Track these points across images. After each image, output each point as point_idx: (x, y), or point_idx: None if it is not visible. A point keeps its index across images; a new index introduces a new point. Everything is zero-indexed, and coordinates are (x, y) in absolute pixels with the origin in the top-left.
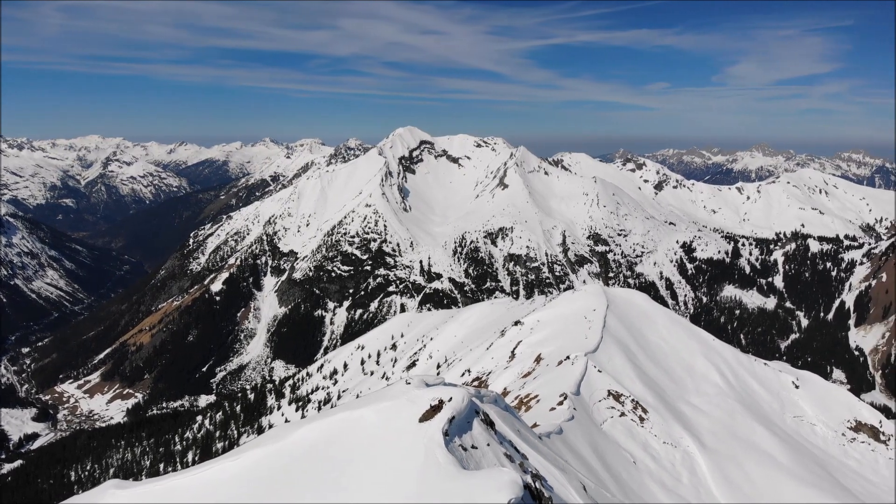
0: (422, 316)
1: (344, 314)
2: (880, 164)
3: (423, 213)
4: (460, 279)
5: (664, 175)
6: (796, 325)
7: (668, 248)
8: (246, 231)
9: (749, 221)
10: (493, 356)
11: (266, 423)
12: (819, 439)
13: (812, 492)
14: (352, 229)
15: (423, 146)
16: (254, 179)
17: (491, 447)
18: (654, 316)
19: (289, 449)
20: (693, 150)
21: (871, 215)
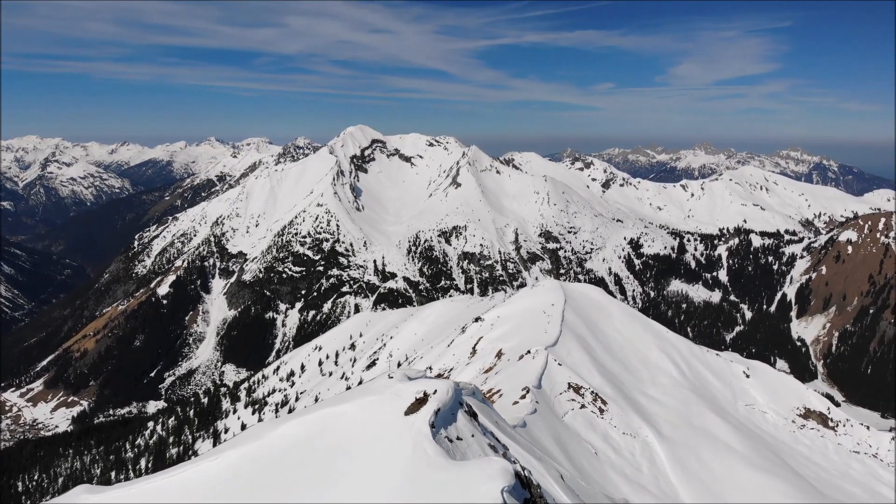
0: (381, 315)
1: (296, 316)
2: (817, 161)
3: (377, 213)
4: (415, 278)
5: (611, 174)
6: (741, 318)
7: (616, 244)
8: (193, 232)
9: (693, 218)
10: (454, 353)
11: (222, 427)
12: (770, 426)
13: (766, 477)
14: (303, 229)
15: (375, 145)
16: (199, 179)
17: (475, 438)
18: (609, 309)
19: (271, 446)
20: (638, 149)
21: (809, 210)
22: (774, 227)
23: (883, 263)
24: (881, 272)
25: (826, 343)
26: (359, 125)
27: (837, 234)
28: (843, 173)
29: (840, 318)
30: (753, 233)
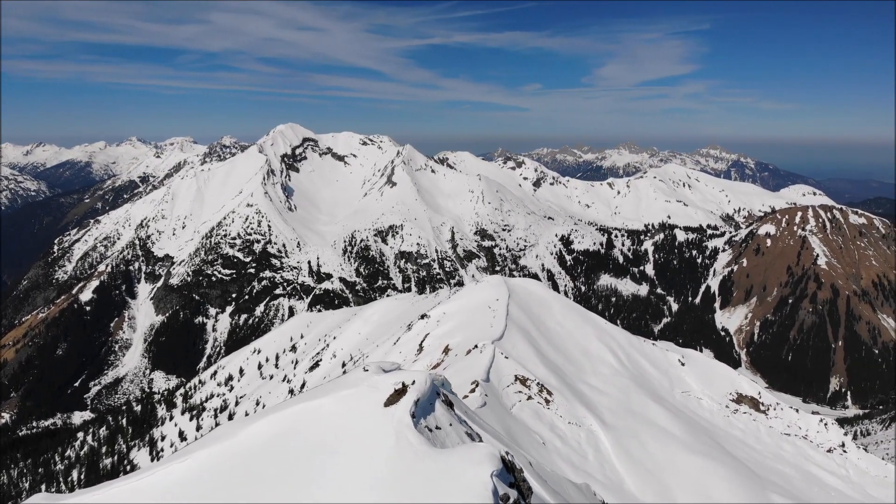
0: (322, 315)
1: (227, 320)
2: (735, 158)
3: (310, 213)
4: (351, 278)
5: (542, 172)
6: (668, 310)
7: (548, 241)
8: (116, 236)
9: (620, 214)
10: (400, 350)
11: (158, 435)
12: (706, 412)
13: (704, 461)
14: (233, 230)
15: (307, 144)
16: (121, 181)
17: (453, 427)
18: (550, 303)
19: (243, 445)
20: (566, 148)
21: (730, 206)
22: (697, 223)
23: (800, 255)
24: (799, 263)
25: (748, 332)
26: (289, 123)
27: (757, 227)
28: (760, 170)
29: (761, 308)
30: (677, 228)
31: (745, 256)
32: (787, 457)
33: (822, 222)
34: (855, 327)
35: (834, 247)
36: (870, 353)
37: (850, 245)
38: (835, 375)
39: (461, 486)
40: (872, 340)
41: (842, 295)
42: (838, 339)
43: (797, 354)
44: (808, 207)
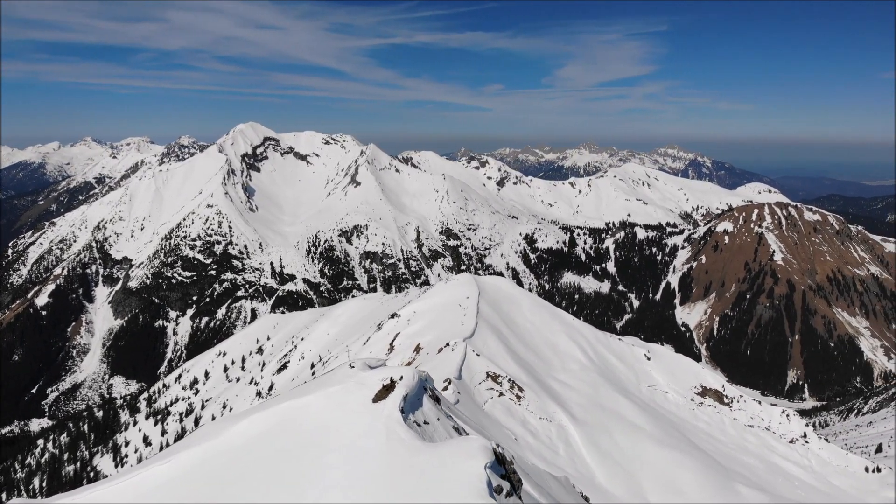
0: (289, 317)
1: (188, 323)
2: (693, 157)
3: (272, 213)
4: (315, 279)
5: (505, 172)
6: (629, 306)
7: (512, 240)
8: (73, 238)
9: (582, 213)
10: (371, 350)
11: (122, 441)
12: (672, 405)
13: (672, 453)
14: (193, 232)
15: (268, 143)
16: (76, 182)
17: (441, 422)
18: (520, 300)
19: (230, 444)
20: (527, 148)
21: (688, 204)
22: (657, 221)
23: (757, 251)
24: (756, 259)
25: (708, 327)
26: (250, 122)
27: (715, 225)
28: (717, 169)
29: (720, 304)
30: (638, 226)
31: (703, 253)
32: (751, 448)
33: (777, 219)
34: (811, 321)
35: (790, 243)
36: (825, 346)
37: (805, 241)
38: (792, 368)
39: (456, 478)
40: (828, 334)
41: (798, 290)
42: (795, 333)
43: (755, 348)
44: (764, 205)
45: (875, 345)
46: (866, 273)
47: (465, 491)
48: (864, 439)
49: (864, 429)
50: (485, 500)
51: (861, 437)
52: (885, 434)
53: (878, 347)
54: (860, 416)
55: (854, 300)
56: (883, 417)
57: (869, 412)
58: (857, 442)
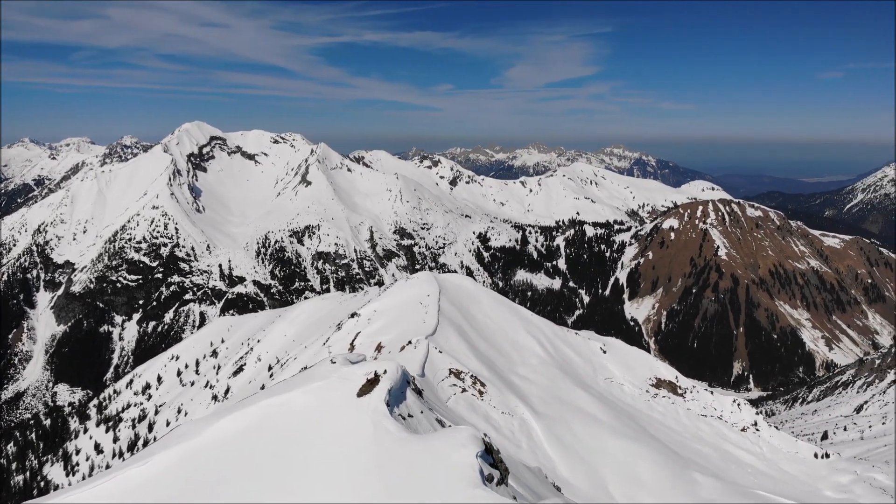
0: (244, 318)
1: (135, 328)
2: (638, 156)
3: (220, 214)
4: (266, 281)
5: (458, 171)
6: (580, 302)
7: (466, 238)
8: (12, 242)
9: (533, 212)
10: (330, 350)
11: (72, 449)
12: (628, 397)
13: (630, 444)
14: (138, 234)
15: (215, 142)
16: (14, 184)
17: (424, 414)
18: (479, 297)
19: (211, 443)
20: (478, 148)
21: (634, 202)
22: (605, 218)
23: (702, 247)
24: (701, 255)
25: (656, 321)
26: (196, 121)
27: (661, 222)
28: (661, 167)
29: (667, 298)
30: (587, 224)
31: (650, 249)
32: (705, 437)
33: (721, 216)
34: (754, 314)
35: (733, 238)
36: (769, 337)
37: (747, 237)
38: (737, 360)
39: (448, 468)
40: (771, 326)
41: (741, 284)
42: (739, 325)
43: (702, 341)
44: (708, 202)
45: (816, 336)
46: (806, 267)
47: (459, 480)
48: (809, 427)
49: (809, 417)
50: (478, 489)
51: (807, 424)
52: (829, 422)
53: (819, 338)
54: (805, 404)
55: (795, 293)
56: (827, 406)
57: (813, 401)
58: (803, 429)
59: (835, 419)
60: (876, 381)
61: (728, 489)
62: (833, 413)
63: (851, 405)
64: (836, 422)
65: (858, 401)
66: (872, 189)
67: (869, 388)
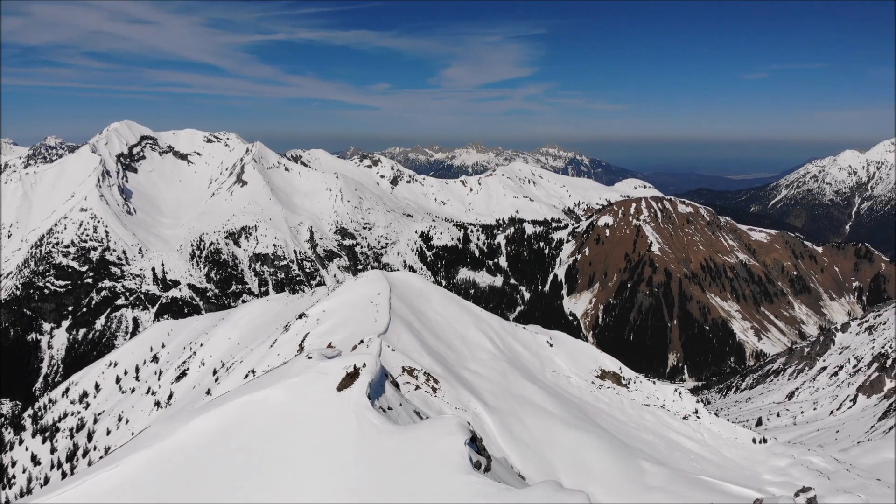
0: (184, 322)
1: (64, 335)
2: (572, 156)
3: (152, 216)
4: (201, 285)
5: (398, 171)
6: (521, 299)
7: (408, 238)
8: None
9: (473, 210)
10: (279, 353)
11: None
12: (574, 388)
13: (579, 434)
14: (66, 238)
15: (146, 142)
16: None
17: (403, 407)
18: (429, 294)
19: (184, 444)
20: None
21: (570, 200)
22: (543, 216)
23: (636, 243)
24: (635, 251)
25: (594, 316)
26: (125, 121)
27: (596, 219)
28: (594, 166)
29: (604, 293)
30: (526, 222)
31: (587, 246)
32: (650, 426)
33: (654, 212)
34: (687, 307)
35: (665, 234)
36: (701, 329)
37: (679, 232)
38: (672, 352)
39: (438, 456)
40: (703, 318)
41: (674, 278)
42: (673, 318)
43: (638, 334)
44: (641, 199)
45: (746, 327)
46: (735, 260)
47: (450, 467)
48: (744, 414)
49: (743, 404)
50: (470, 475)
51: (741, 412)
52: (763, 408)
53: (748, 329)
54: (739, 392)
55: (725, 286)
56: (760, 393)
57: (747, 389)
58: (738, 416)
59: (768, 406)
60: (806, 369)
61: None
62: (766, 400)
63: (783, 392)
64: (770, 408)
65: (790, 388)
66: (795, 185)
67: (799, 376)
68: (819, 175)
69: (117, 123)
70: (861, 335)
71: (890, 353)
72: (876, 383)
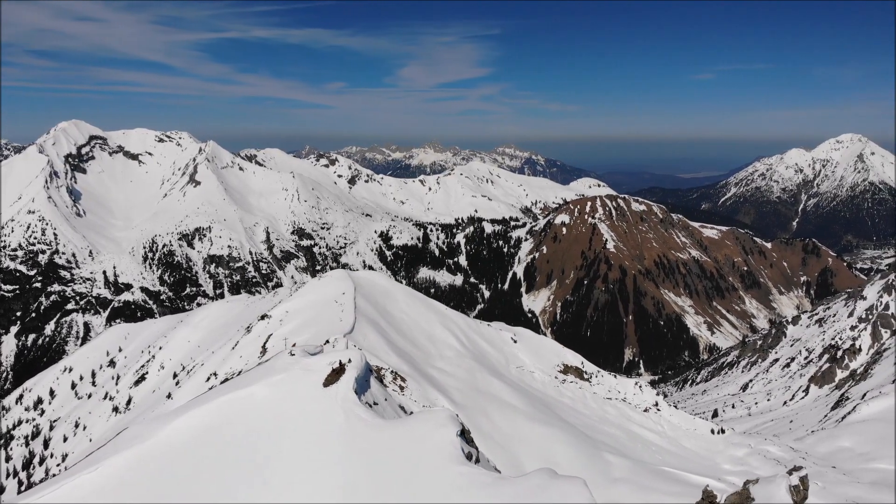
0: (142, 326)
1: (13, 342)
2: (528, 156)
3: (102, 218)
4: (155, 288)
5: (356, 170)
6: (481, 297)
7: (368, 237)
8: None
9: (433, 210)
10: (241, 355)
11: None
12: (539, 384)
13: (544, 428)
14: (13, 241)
15: (95, 142)
16: None
17: (388, 402)
18: (394, 293)
19: (167, 444)
20: (374, 147)
21: (528, 199)
22: (501, 215)
23: (592, 241)
24: (591, 248)
25: (552, 313)
26: (73, 120)
27: (553, 217)
28: (549, 166)
29: (561, 290)
30: (485, 221)
31: (544, 244)
32: (612, 419)
33: (608, 211)
34: (642, 302)
35: (620, 232)
36: (656, 324)
37: (633, 230)
38: (628, 347)
39: (431, 448)
40: (657, 313)
41: (629, 274)
42: (629, 313)
43: (595, 330)
44: (596, 198)
45: (699, 321)
46: (688, 256)
47: (444, 458)
48: (700, 406)
49: (699, 397)
50: (464, 465)
51: (697, 404)
52: (718, 400)
53: (701, 323)
54: (694, 385)
55: (678, 281)
56: (715, 385)
57: (702, 381)
58: (694, 409)
59: (723, 398)
60: (759, 361)
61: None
62: (721, 392)
63: (738, 384)
64: (725, 400)
65: (744, 380)
66: (744, 183)
67: (753, 368)
68: (767, 173)
69: (65, 123)
70: (812, 327)
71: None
72: (827, 374)
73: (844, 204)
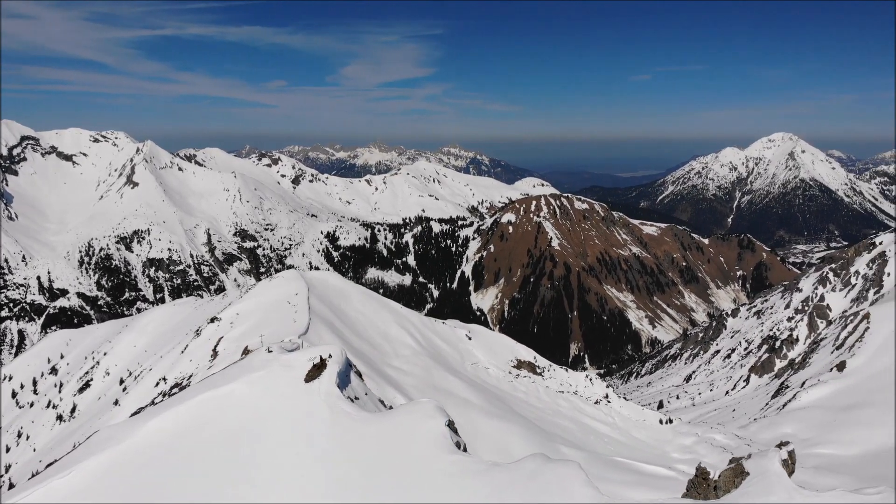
0: (85, 331)
1: None
2: (473, 156)
3: (35, 221)
4: (92, 293)
5: (300, 170)
6: (430, 296)
7: (314, 238)
8: None
9: (380, 210)
10: (191, 358)
11: None
12: (493, 379)
13: (501, 423)
14: None
15: (27, 143)
16: None
17: (368, 396)
18: (349, 293)
19: (144, 446)
20: (317, 146)
21: (474, 198)
22: (448, 214)
23: (537, 239)
24: (537, 246)
25: (500, 310)
26: (3, 120)
27: (500, 216)
28: (494, 166)
29: (509, 288)
30: (433, 220)
31: (492, 243)
32: (565, 411)
33: (553, 209)
34: (586, 298)
35: (564, 230)
36: (600, 319)
37: (576, 227)
38: (574, 342)
39: (422, 439)
40: (601, 309)
41: (573, 271)
42: (573, 309)
43: (541, 326)
44: (540, 197)
45: (640, 315)
46: (629, 253)
47: (435, 448)
48: (646, 398)
49: (644, 389)
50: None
51: (643, 396)
52: (663, 392)
53: (643, 318)
54: (639, 377)
55: (620, 277)
56: (660, 378)
57: (646, 374)
58: (640, 400)
59: (668, 389)
60: (701, 353)
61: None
62: (666, 384)
63: (681, 376)
64: (670, 391)
65: (687, 371)
66: (681, 181)
67: (695, 360)
68: (703, 171)
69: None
70: (750, 319)
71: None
72: (767, 364)
73: (777, 200)
